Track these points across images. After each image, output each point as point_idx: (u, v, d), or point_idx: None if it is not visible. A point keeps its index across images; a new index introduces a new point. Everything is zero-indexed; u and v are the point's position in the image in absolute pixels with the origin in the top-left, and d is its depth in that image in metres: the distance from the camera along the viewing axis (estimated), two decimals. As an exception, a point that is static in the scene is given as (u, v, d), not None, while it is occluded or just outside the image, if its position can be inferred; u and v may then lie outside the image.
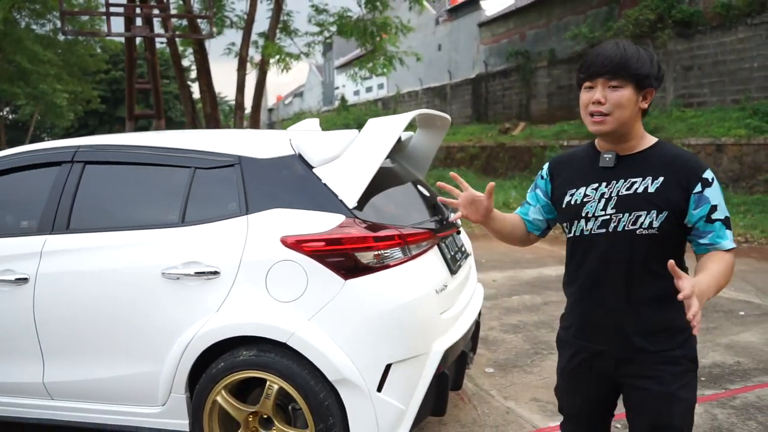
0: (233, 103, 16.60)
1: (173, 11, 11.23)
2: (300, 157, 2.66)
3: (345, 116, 30.87)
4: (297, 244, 2.44)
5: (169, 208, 2.71)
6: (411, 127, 3.59)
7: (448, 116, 3.45)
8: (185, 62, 21.06)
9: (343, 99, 36.39)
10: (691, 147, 12.13)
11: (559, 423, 2.05)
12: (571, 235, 1.78)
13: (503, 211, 1.97)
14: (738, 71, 13.13)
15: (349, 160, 2.60)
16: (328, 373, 2.38)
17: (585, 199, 1.73)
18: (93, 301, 2.68)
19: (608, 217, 1.68)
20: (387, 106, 31.22)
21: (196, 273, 2.52)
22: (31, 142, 46.88)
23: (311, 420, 2.40)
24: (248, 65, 15.24)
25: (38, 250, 2.77)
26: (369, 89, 34.93)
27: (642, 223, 1.65)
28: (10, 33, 27.14)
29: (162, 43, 16.01)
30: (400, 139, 3.48)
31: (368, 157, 2.60)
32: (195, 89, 19.18)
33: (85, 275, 2.70)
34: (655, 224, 1.64)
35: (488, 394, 3.53)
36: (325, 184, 2.56)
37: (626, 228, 1.66)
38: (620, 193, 1.68)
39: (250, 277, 2.47)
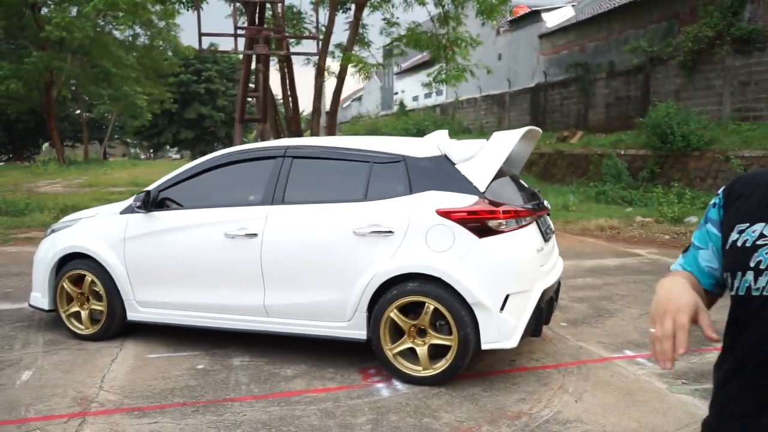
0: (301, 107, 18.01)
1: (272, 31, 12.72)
2: (445, 156, 3.92)
3: (405, 121, 32.22)
4: (447, 214, 3.70)
5: (355, 189, 4.01)
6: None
7: (540, 129, 4.65)
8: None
9: (401, 104, 37.79)
10: (745, 159, 12.90)
11: (618, 355, 3.15)
12: (733, 292, 1.23)
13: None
14: (794, 87, 13.77)
15: (481, 160, 3.85)
16: (468, 298, 3.62)
17: (760, 242, 1.18)
18: (303, 249, 4.01)
19: None
20: (445, 112, 32.43)
21: (377, 232, 3.81)
22: (110, 139, 49.41)
23: (455, 328, 3.65)
24: (325, 74, 16.75)
25: (264, 216, 4.12)
26: (428, 95, 36.13)
27: None
28: (97, 39, 29.68)
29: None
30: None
31: (494, 158, 3.84)
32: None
33: (298, 232, 4.03)
34: None
35: (564, 338, 4.71)
36: (464, 176, 3.81)
37: None
38: None
39: (414, 235, 3.74)
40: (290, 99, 16.25)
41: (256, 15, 11.54)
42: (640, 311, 5.46)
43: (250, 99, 12.65)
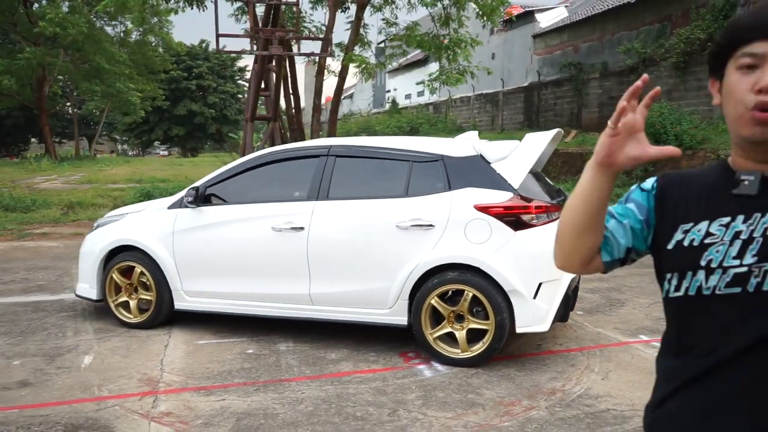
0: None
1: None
2: (481, 156, 4.25)
3: (398, 119, 32.52)
4: (485, 209, 4.03)
5: (396, 186, 4.32)
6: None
7: (562, 131, 4.98)
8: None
9: (394, 102, 38.10)
10: (735, 157, 13.37)
11: (635, 339, 3.50)
12: (680, 293, 1.18)
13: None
14: (782, 89, 14.26)
15: (514, 159, 4.18)
16: (505, 286, 3.95)
17: (708, 240, 1.16)
18: (348, 241, 4.32)
19: (746, 269, 1.11)
20: (438, 110, 32.78)
21: (419, 225, 4.13)
22: (101, 135, 49.06)
23: (492, 314, 3.98)
24: (325, 72, 17.01)
25: (310, 210, 4.42)
26: (421, 93, 36.46)
27: None
28: (90, 35, 29.70)
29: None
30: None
31: (526, 158, 4.17)
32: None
33: (343, 226, 4.34)
34: None
35: (583, 325, 5.06)
36: (499, 174, 4.14)
37: None
38: None
39: (454, 228, 4.07)
40: (292, 98, 16.48)
41: (270, 16, 11.80)
42: (650, 300, 5.83)
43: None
